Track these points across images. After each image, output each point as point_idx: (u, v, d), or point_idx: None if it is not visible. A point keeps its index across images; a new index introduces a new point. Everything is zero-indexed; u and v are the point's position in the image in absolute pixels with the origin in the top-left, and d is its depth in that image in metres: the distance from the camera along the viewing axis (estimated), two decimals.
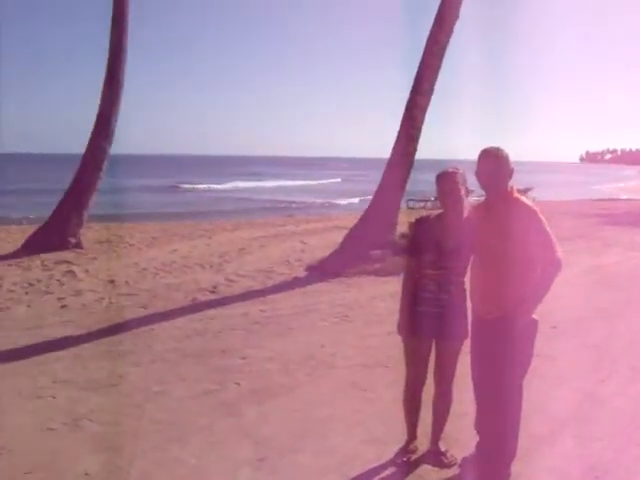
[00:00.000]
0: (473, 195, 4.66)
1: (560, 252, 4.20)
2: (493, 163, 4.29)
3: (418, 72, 13.95)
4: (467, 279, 4.54)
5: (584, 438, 5.10)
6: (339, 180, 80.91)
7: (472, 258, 4.47)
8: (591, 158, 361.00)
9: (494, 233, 4.29)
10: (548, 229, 4.21)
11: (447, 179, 4.44)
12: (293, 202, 45.13)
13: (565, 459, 4.77)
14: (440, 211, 4.58)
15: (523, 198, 4.40)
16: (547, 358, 6.93)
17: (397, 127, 14.11)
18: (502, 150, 4.35)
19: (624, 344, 7.65)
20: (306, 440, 5.02)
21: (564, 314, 8.87)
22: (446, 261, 4.42)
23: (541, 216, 4.23)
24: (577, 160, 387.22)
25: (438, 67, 14.06)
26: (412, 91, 13.92)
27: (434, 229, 4.49)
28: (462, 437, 4.91)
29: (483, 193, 4.48)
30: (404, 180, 13.80)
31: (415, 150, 13.94)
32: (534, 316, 4.28)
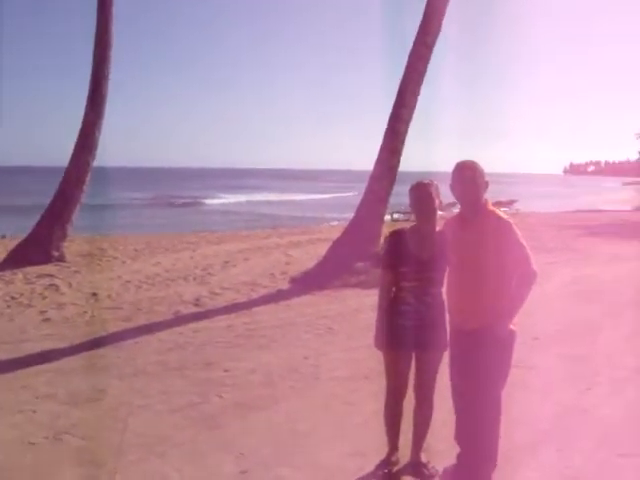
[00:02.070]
0: (455, 207, 4.70)
1: (535, 264, 4.25)
2: (468, 176, 4.34)
3: (401, 85, 14.02)
4: (444, 290, 4.57)
5: (566, 449, 5.13)
6: (357, 194, 76.18)
7: (448, 270, 4.51)
8: (574, 170, 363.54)
9: (469, 245, 4.34)
10: (523, 241, 4.25)
11: (420, 190, 4.49)
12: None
13: (546, 470, 4.80)
14: (414, 223, 4.63)
15: (498, 210, 4.44)
16: (529, 369, 6.98)
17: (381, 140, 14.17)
18: (477, 163, 4.40)
19: (605, 355, 7.69)
20: (288, 453, 5.02)
21: (546, 325, 8.94)
22: (422, 272, 4.46)
23: (516, 228, 4.28)
24: (561, 172, 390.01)
25: (421, 80, 14.14)
26: (395, 104, 13.99)
27: (408, 241, 4.52)
28: (443, 448, 4.91)
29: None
30: (387, 193, 13.85)
31: (399, 163, 14.00)
32: (512, 327, 4.31)
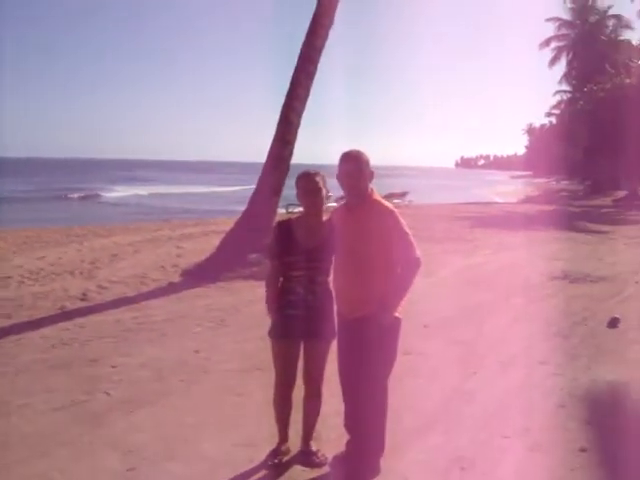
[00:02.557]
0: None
1: (418, 252, 4.31)
2: (354, 165, 4.38)
3: (294, 76, 13.97)
4: (331, 279, 4.59)
5: (452, 431, 5.28)
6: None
7: (335, 259, 4.52)
8: (465, 163, 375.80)
9: (355, 234, 4.37)
10: (407, 229, 4.32)
11: (307, 180, 4.51)
12: None
13: (433, 452, 4.90)
14: (301, 213, 4.64)
15: (383, 200, 4.48)
16: (419, 356, 7.15)
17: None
18: (362, 153, 4.44)
19: (492, 341, 7.96)
20: (177, 447, 4.93)
21: (436, 313, 9.17)
22: (309, 262, 4.47)
23: (400, 217, 4.34)
24: (452, 165, 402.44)
25: (314, 72, 14.14)
26: (288, 95, 13.93)
27: (295, 231, 4.53)
28: (333, 436, 4.96)
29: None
30: (280, 184, 13.76)
31: (291, 154, 13.95)
32: (397, 314, 4.36)
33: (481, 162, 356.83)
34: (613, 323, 8.69)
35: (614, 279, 12.41)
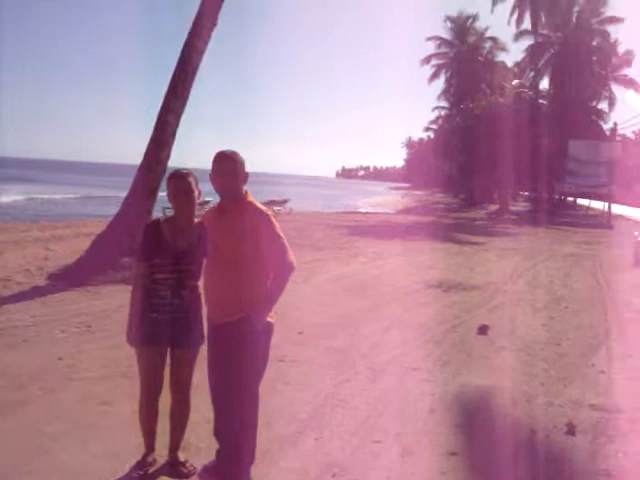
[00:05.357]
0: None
1: (292, 255, 4.25)
2: (228, 166, 4.28)
3: (173, 77, 13.69)
4: (201, 284, 4.45)
5: (324, 438, 5.24)
6: None
7: (206, 262, 4.40)
8: (346, 174, 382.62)
9: (228, 236, 4.26)
10: (280, 233, 4.25)
11: (177, 180, 4.39)
12: None
13: (305, 459, 4.85)
14: (171, 214, 4.50)
15: (257, 202, 4.40)
16: (293, 363, 7.10)
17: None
18: (237, 153, 4.35)
19: (365, 348, 7.99)
20: (35, 459, 4.65)
21: (311, 320, 9.16)
22: (178, 265, 4.33)
23: (274, 220, 4.27)
24: (333, 175, 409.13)
25: (193, 74, 13.90)
26: (166, 95, 13.63)
27: (164, 232, 4.38)
28: (203, 445, 4.84)
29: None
30: (155, 186, 13.35)
31: (169, 156, 13.61)
32: (269, 319, 4.27)
33: (361, 173, 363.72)
34: (483, 330, 8.95)
35: (485, 288, 12.84)
